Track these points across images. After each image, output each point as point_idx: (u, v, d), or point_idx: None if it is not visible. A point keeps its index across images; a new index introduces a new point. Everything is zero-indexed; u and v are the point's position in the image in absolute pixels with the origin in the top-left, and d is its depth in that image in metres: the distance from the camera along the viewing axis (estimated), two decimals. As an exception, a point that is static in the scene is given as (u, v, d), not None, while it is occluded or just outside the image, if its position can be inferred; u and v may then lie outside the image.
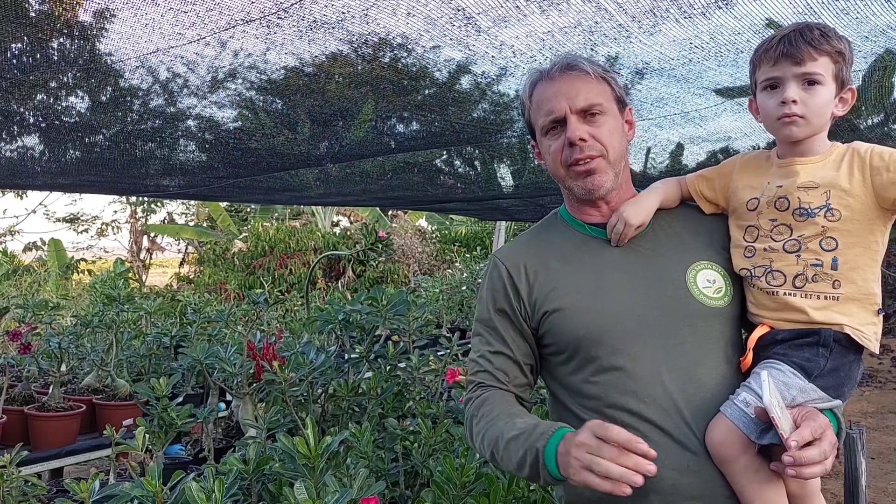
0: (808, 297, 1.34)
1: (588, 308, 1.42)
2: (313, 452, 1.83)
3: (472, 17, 1.59)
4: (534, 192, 4.48)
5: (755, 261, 1.40)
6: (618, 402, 1.37)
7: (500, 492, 1.93)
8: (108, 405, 3.82)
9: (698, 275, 1.44)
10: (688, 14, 1.67)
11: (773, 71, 1.34)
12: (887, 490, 5.28)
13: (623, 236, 1.46)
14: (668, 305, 1.41)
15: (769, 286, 1.37)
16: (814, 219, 1.34)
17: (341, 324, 3.19)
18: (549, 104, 1.45)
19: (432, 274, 11.46)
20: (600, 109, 1.44)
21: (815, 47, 1.32)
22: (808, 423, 1.21)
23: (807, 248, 1.34)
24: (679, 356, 1.37)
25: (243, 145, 2.96)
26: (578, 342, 1.41)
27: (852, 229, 1.33)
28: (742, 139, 3.04)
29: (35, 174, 3.43)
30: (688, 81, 2.24)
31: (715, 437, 1.31)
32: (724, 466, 1.31)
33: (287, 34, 1.66)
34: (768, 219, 1.40)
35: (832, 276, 1.33)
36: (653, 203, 1.51)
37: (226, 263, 13.26)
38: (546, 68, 1.49)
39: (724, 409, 1.32)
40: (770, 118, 1.38)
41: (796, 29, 1.35)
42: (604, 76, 1.47)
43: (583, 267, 1.48)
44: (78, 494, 1.79)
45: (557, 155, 1.46)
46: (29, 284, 11.16)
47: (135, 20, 1.55)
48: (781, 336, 1.36)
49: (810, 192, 1.35)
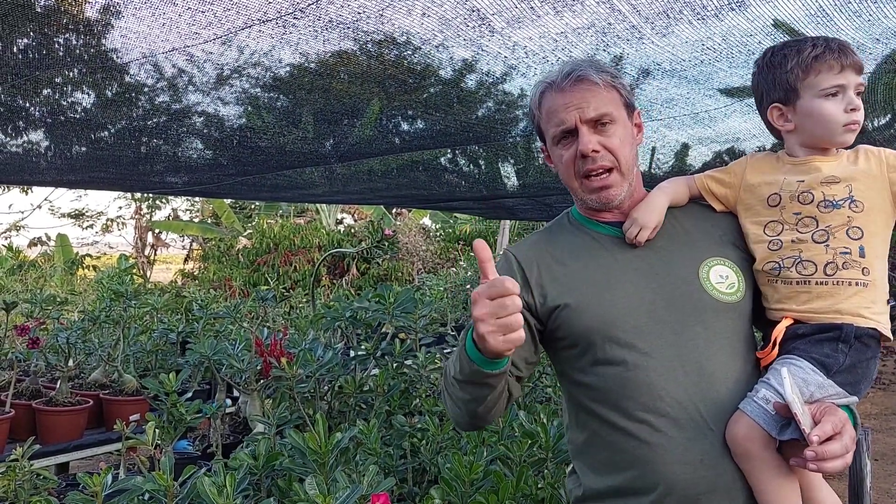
0: (838, 285, 1.37)
1: (600, 302, 1.43)
2: (323, 448, 1.85)
3: (487, 18, 1.60)
4: (539, 191, 4.48)
5: (783, 253, 1.43)
6: (632, 397, 1.38)
7: (509, 489, 1.94)
8: (115, 400, 3.84)
9: (711, 270, 1.46)
10: (701, 16, 1.67)
11: (839, 79, 1.39)
12: (891, 491, 5.28)
13: (639, 239, 1.48)
14: (681, 300, 1.42)
15: (800, 275, 1.40)
16: (839, 209, 1.39)
17: (348, 321, 3.20)
18: (558, 115, 1.47)
19: (436, 272, 11.47)
20: (610, 118, 1.46)
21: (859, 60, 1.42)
22: (828, 418, 1.23)
23: (835, 237, 1.38)
24: (692, 350, 1.38)
25: (251, 143, 2.96)
26: (591, 335, 1.42)
27: (875, 220, 1.39)
28: (750, 140, 3.04)
29: (41, 170, 3.44)
30: (698, 83, 2.25)
31: (737, 433, 1.32)
32: (744, 463, 1.32)
33: (302, 34, 1.67)
34: (792, 212, 1.43)
35: (860, 263, 1.37)
36: (663, 203, 1.53)
37: (230, 260, 13.29)
38: (554, 78, 1.50)
39: (744, 406, 1.33)
40: (834, 124, 1.41)
41: (836, 41, 1.42)
42: (612, 83, 1.48)
43: (595, 263, 1.49)
44: (90, 488, 1.80)
45: (570, 165, 1.48)
46: (35, 280, 11.19)
47: (153, 19, 1.56)
48: (803, 331, 1.39)
49: (833, 186, 1.40)
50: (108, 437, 3.72)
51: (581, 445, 1.50)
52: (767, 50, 1.50)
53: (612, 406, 1.40)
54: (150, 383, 2.62)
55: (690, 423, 1.35)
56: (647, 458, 1.36)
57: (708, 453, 1.33)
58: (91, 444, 3.70)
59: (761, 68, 1.50)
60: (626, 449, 1.39)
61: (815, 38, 1.44)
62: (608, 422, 1.41)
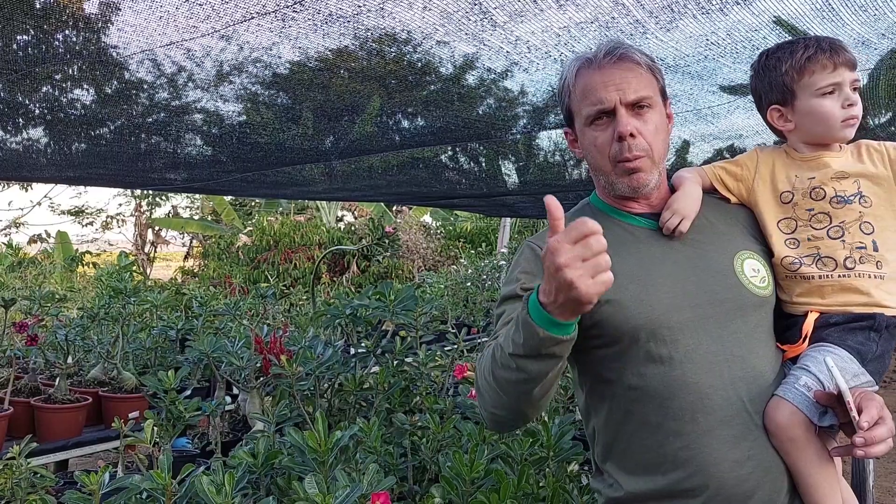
0: (860, 277, 1.40)
1: (643, 300, 1.38)
2: (323, 447, 1.83)
3: (489, 12, 1.58)
4: (540, 188, 4.47)
5: (801, 251, 1.44)
6: (677, 395, 1.34)
7: (510, 487, 1.93)
8: (114, 397, 3.82)
9: (744, 263, 1.44)
10: (706, 10, 1.66)
11: (834, 77, 1.42)
12: (892, 490, 5.27)
13: (682, 229, 1.44)
14: (723, 295, 1.40)
15: (821, 272, 1.41)
16: (851, 205, 1.42)
17: (348, 318, 3.18)
18: (597, 94, 1.39)
19: (437, 270, 11.46)
20: (649, 103, 1.40)
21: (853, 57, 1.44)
22: (871, 404, 1.24)
23: (849, 232, 1.41)
24: (735, 345, 1.36)
25: (251, 140, 2.95)
26: (635, 333, 1.36)
27: (883, 214, 1.42)
28: (753, 137, 3.03)
29: (41, 166, 3.42)
30: (702, 79, 2.23)
31: (779, 420, 1.32)
32: (787, 449, 1.32)
33: (302, 28, 1.65)
34: (805, 209, 1.45)
35: (875, 257, 1.40)
36: (699, 193, 1.51)
37: (230, 257, 13.28)
38: (594, 54, 1.42)
39: (784, 393, 1.33)
40: (832, 120, 1.43)
41: (827, 40, 1.44)
42: (652, 67, 1.43)
43: (631, 257, 1.43)
44: (88, 487, 1.79)
45: (605, 148, 1.42)
46: (34, 276, 11.18)
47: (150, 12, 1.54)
48: (835, 320, 1.40)
49: (843, 182, 1.44)
50: (108, 434, 3.70)
51: (613, 448, 1.43)
52: (762, 53, 1.52)
53: (655, 406, 1.35)
54: (149, 381, 2.61)
55: (737, 420, 1.33)
56: (695, 459, 1.33)
57: (754, 449, 1.32)
58: (90, 442, 3.68)
59: (757, 72, 1.53)
60: (671, 450, 1.34)
61: (807, 38, 1.47)
62: (649, 423, 1.36)
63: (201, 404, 2.64)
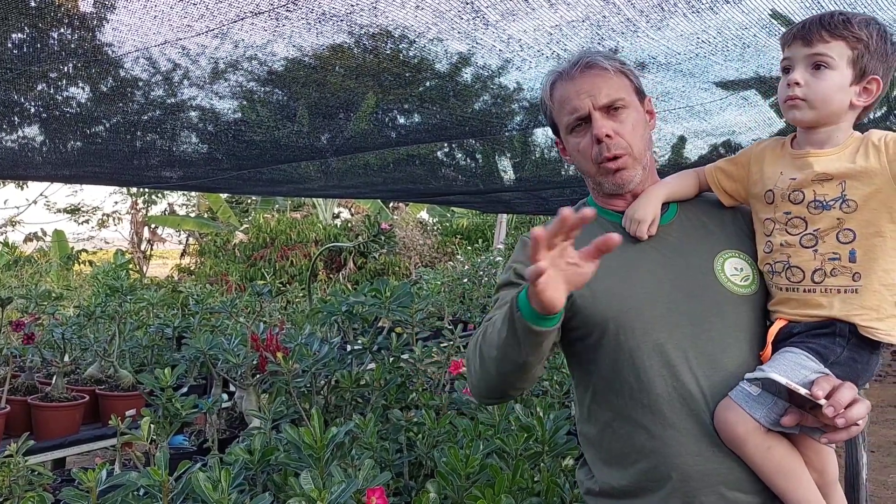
0: (827, 293, 1.33)
1: (618, 292, 1.43)
2: (319, 443, 1.85)
3: (481, 11, 1.59)
4: (536, 185, 4.48)
5: (774, 256, 1.41)
6: (646, 388, 1.38)
7: (505, 482, 1.94)
8: (110, 395, 3.83)
9: (726, 263, 1.46)
10: (696, 9, 1.67)
11: (786, 52, 1.34)
12: (887, 483, 5.31)
13: (639, 234, 1.48)
14: (697, 292, 1.43)
15: (789, 283, 1.38)
16: (829, 211, 1.33)
17: (345, 315, 3.20)
18: (571, 103, 1.48)
19: (433, 266, 11.46)
20: (623, 104, 1.47)
21: (829, 30, 1.29)
22: (841, 387, 1.24)
23: (823, 241, 1.33)
24: (706, 342, 1.39)
25: (246, 137, 2.95)
26: (607, 324, 1.42)
27: (870, 219, 1.31)
28: (746, 133, 3.04)
29: (36, 165, 3.42)
30: (693, 76, 2.24)
31: (721, 418, 1.33)
32: (736, 449, 1.33)
33: (295, 27, 1.66)
34: (783, 212, 1.39)
35: (851, 268, 1.31)
36: (659, 196, 1.52)
37: (227, 255, 13.28)
38: (565, 68, 1.51)
39: (732, 393, 1.34)
40: (781, 100, 1.36)
41: (821, 14, 1.33)
42: (622, 69, 1.49)
43: (612, 254, 1.46)
44: (85, 484, 1.80)
45: (587, 151, 1.49)
46: (31, 275, 11.16)
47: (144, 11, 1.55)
48: (797, 329, 1.37)
49: (825, 185, 1.34)
50: (104, 432, 3.70)
51: (593, 437, 1.49)
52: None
53: (627, 398, 1.41)
54: (145, 378, 2.61)
55: (702, 415, 1.35)
56: (659, 450, 1.37)
57: (720, 444, 1.34)
58: (87, 440, 3.69)
59: None
60: (639, 441, 1.39)
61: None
62: (621, 413, 1.42)
63: (198, 402, 2.65)
